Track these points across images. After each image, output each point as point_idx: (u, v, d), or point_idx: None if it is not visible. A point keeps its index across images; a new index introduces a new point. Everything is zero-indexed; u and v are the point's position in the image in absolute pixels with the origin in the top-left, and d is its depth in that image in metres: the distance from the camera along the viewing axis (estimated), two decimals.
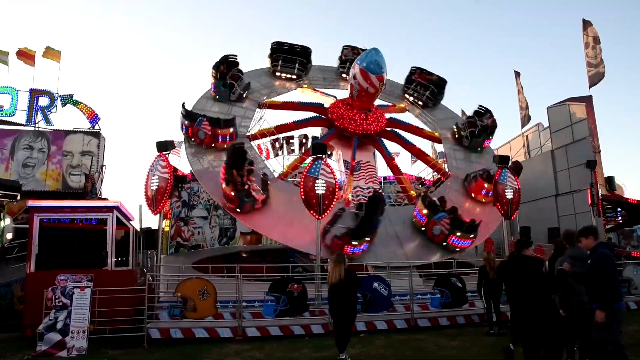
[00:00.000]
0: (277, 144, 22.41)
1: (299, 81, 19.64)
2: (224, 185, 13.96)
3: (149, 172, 13.15)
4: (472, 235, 14.93)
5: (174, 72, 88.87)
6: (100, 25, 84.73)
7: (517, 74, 25.39)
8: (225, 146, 15.57)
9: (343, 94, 20.05)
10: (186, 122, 15.93)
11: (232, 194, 13.92)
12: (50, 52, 22.45)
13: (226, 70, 17.80)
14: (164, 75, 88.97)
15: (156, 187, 12.80)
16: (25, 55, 22.14)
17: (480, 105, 19.67)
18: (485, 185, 16.65)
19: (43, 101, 21.49)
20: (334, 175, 13.28)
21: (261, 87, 18.94)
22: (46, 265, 10.75)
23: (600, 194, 18.18)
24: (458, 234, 14.82)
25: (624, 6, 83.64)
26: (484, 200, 17.00)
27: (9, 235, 13.67)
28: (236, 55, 18.22)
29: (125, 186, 63.22)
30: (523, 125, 24.89)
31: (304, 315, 10.89)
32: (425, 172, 21.53)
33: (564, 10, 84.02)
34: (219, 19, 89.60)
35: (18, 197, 13.07)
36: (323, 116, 18.98)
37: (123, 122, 73.35)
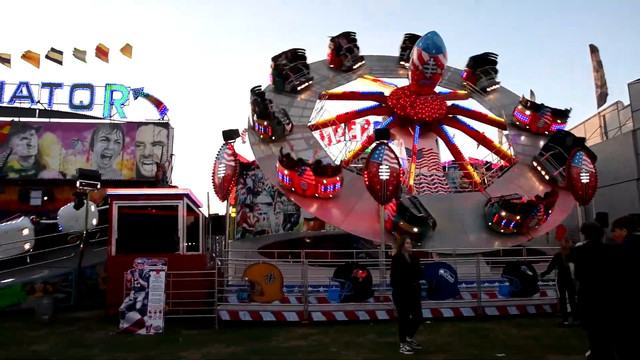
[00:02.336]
0: (339, 130, 22.43)
1: (358, 70, 19.53)
2: (325, 180, 14.09)
3: (215, 160, 13.59)
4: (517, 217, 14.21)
5: (239, 62, 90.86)
6: (167, 20, 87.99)
7: (594, 49, 23.66)
8: (262, 137, 15.98)
9: (403, 82, 19.70)
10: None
11: (338, 178, 14.17)
12: (123, 48, 23.68)
13: (289, 62, 18.01)
14: (229, 65, 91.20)
15: (223, 175, 13.22)
16: (101, 52, 23.51)
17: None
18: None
19: (117, 95, 22.79)
20: (398, 160, 13.12)
21: (321, 78, 18.96)
22: (125, 249, 11.49)
23: None
24: (503, 213, 14.22)
25: None
26: None
27: (95, 221, 14.68)
28: (304, 49, 18.40)
29: (193, 174, 66.03)
30: (599, 105, 23.26)
31: (368, 301, 10.93)
32: (490, 158, 20.72)
33: None
34: (285, 10, 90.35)
35: (98, 186, 13.99)
36: (384, 104, 18.76)
37: (190, 112, 76.18)
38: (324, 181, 14.03)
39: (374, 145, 13.33)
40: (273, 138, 15.91)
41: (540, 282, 11.25)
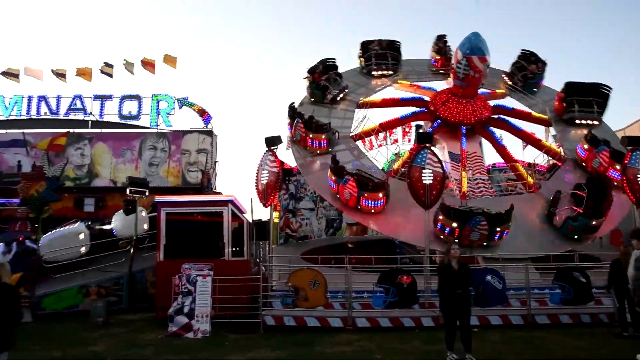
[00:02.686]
0: (379, 135, 22.23)
1: (394, 76, 19.42)
2: (366, 194, 13.76)
3: (259, 167, 13.79)
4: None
5: (281, 69, 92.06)
6: (209, 30, 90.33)
7: None
8: (319, 151, 15.68)
9: (439, 85, 19.55)
10: (288, 121, 16.48)
11: (380, 195, 13.80)
12: (168, 59, 24.46)
13: (323, 73, 18.06)
14: (271, 72, 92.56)
15: (266, 181, 13.40)
16: (148, 64, 24.38)
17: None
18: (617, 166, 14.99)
19: (163, 105, 23.53)
20: (442, 164, 12.89)
21: (356, 86, 18.90)
22: (172, 254, 11.82)
23: None
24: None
25: None
26: None
27: (145, 226, 15.20)
28: (334, 59, 18.51)
29: (237, 180, 67.27)
30: None
31: (413, 308, 10.77)
32: (541, 159, 20.02)
33: None
34: (326, 18, 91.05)
35: (147, 193, 14.49)
36: (426, 109, 18.54)
37: (233, 120, 77.72)
38: (365, 195, 13.75)
39: (416, 149, 13.16)
40: (329, 150, 15.64)
41: (596, 290, 10.76)
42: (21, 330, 5.40)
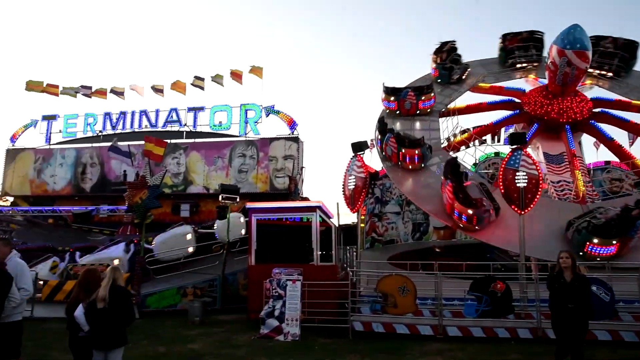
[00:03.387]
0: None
1: (467, 80, 18.83)
2: (456, 204, 13.05)
3: (346, 173, 13.87)
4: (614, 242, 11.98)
5: (364, 75, 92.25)
6: (292, 39, 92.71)
7: None
8: (411, 167, 15.09)
9: (517, 84, 18.96)
10: (378, 136, 16.07)
11: (470, 212, 12.91)
12: (254, 70, 25.46)
13: (446, 55, 18.48)
14: (354, 78, 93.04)
15: (353, 187, 13.44)
16: (236, 75, 25.57)
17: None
18: None
19: (251, 114, 24.57)
20: (537, 165, 12.16)
21: (438, 96, 18.45)
22: (263, 259, 12.24)
23: None
24: (595, 240, 12.10)
25: None
26: None
27: (243, 231, 15.92)
28: (455, 41, 18.97)
29: (323, 185, 68.27)
30: None
31: (508, 318, 10.21)
32: None
33: None
34: (404, 21, 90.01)
35: (238, 199, 15.15)
36: (517, 100, 17.62)
37: (318, 126, 79.01)
38: (402, 150, 14.62)
39: (509, 150, 12.53)
40: (422, 165, 15.18)
41: None
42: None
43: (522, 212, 11.80)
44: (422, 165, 15.05)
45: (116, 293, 5.29)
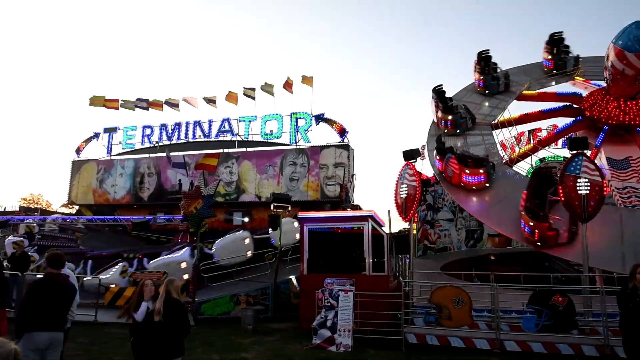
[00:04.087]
0: (522, 139, 20.77)
1: (572, 73, 18.25)
2: (522, 214, 12.59)
3: (397, 181, 13.70)
4: None
5: (414, 81, 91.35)
6: (342, 47, 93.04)
7: None
8: (475, 187, 14.39)
9: (560, 89, 18.29)
10: (437, 156, 15.36)
11: (532, 224, 12.37)
12: (305, 79, 25.72)
13: (485, 65, 18.17)
14: (403, 85, 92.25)
15: (405, 195, 13.26)
16: (287, 85, 25.95)
17: None
18: None
19: (301, 122, 24.79)
20: (600, 171, 11.53)
21: (475, 106, 17.83)
22: (315, 268, 12.27)
23: None
24: None
25: None
26: None
27: (297, 235, 16.10)
28: (488, 50, 18.56)
29: (374, 192, 67.99)
30: None
31: (571, 333, 9.71)
32: None
33: None
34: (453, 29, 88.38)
35: (289, 208, 15.32)
36: (575, 105, 16.77)
37: (368, 133, 78.77)
38: (467, 171, 14.16)
39: (569, 156, 11.95)
40: (457, 131, 16.11)
41: None
42: None
43: (585, 221, 11.20)
44: (487, 184, 14.33)
45: (171, 305, 5.46)
